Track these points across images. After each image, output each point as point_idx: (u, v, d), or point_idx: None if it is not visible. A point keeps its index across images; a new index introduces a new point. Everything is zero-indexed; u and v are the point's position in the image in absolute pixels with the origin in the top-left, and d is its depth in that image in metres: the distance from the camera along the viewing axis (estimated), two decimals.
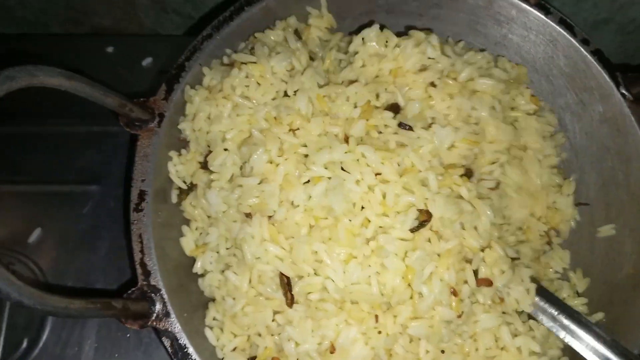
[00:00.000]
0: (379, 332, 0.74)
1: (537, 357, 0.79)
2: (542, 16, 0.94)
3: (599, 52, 0.92)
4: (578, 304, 0.87)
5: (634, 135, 0.90)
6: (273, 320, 0.80)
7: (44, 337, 1.02)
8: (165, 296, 0.78)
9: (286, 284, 0.78)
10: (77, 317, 0.67)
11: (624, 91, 0.90)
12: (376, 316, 0.74)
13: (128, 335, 1.03)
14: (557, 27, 0.93)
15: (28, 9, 1.33)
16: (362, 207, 0.76)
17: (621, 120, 0.91)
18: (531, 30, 0.97)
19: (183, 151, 0.90)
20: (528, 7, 0.94)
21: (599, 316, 0.87)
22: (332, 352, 0.74)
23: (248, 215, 0.80)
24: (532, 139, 0.92)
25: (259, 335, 0.81)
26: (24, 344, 1.01)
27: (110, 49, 1.24)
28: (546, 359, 0.79)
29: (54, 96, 1.16)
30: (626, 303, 0.86)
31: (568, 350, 0.85)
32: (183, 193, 0.88)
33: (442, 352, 0.75)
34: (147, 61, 1.23)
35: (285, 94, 0.84)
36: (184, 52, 0.89)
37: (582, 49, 0.92)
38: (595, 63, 0.91)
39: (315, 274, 0.76)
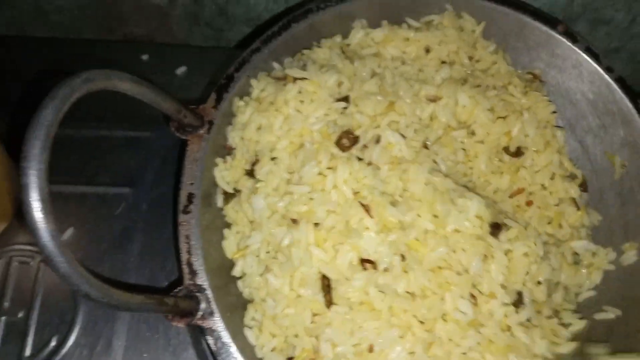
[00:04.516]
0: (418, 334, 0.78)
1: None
2: (569, 44, 1.00)
3: (622, 80, 0.98)
4: None
5: None
6: (312, 322, 0.83)
7: (73, 336, 1.03)
8: (210, 295, 0.81)
9: (327, 285, 0.81)
10: (135, 310, 0.69)
11: None
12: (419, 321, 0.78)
13: (157, 336, 1.05)
14: (583, 55, 1.00)
15: (64, 14, 1.37)
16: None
17: None
18: (558, 57, 1.03)
19: (227, 158, 0.93)
20: (556, 35, 1.00)
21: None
22: (370, 352, 0.77)
23: (294, 222, 0.83)
24: None
25: (296, 336, 0.84)
26: (53, 342, 1.03)
27: (145, 57, 1.28)
28: None
29: (91, 102, 1.21)
30: None
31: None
32: (228, 197, 0.92)
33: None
34: (181, 70, 1.27)
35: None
36: (233, 64, 0.93)
37: (607, 76, 0.98)
38: (618, 90, 0.98)
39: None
